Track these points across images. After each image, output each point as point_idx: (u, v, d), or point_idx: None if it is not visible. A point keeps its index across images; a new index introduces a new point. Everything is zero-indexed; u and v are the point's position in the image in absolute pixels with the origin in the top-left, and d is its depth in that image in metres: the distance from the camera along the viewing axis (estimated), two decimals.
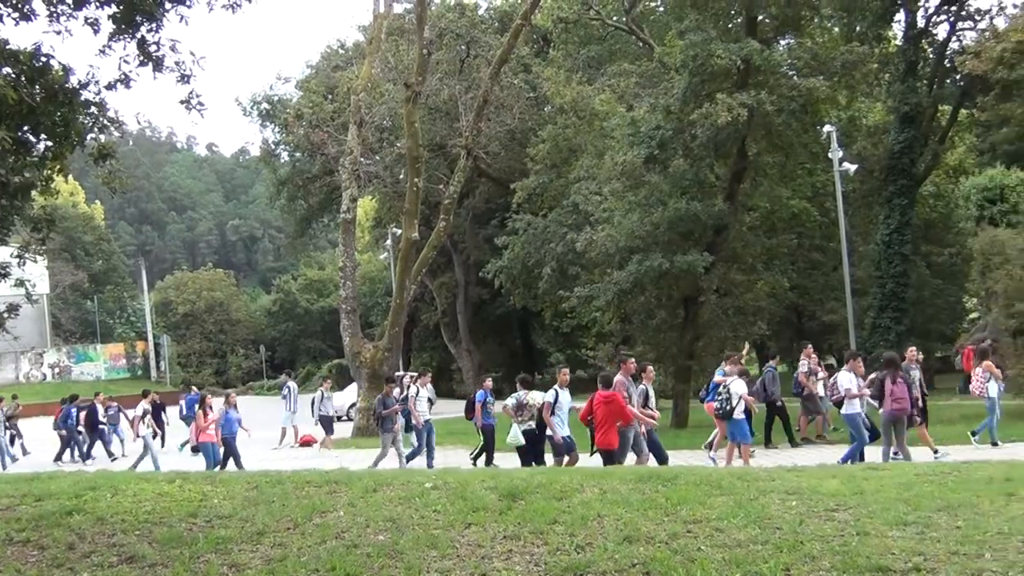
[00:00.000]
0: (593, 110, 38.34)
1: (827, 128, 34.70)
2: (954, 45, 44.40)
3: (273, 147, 67.54)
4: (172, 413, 33.71)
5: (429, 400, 23.15)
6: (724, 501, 9.98)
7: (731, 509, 9.58)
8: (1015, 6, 40.74)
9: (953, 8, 43.99)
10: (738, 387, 18.33)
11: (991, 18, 43.12)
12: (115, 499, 11.65)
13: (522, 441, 16.86)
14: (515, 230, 41.97)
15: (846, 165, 37.20)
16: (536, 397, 17.52)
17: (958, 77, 43.43)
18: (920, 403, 19.90)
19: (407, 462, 21.39)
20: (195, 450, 22.67)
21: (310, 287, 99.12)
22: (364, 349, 32.99)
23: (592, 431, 16.03)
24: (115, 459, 28.57)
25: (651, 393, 17.27)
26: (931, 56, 46.04)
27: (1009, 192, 36.72)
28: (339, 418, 38.59)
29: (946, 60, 44.48)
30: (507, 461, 19.00)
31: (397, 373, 32.17)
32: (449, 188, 35.03)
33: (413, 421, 22.52)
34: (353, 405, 37.34)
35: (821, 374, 24.09)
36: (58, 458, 28.51)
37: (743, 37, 29.14)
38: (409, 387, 23.67)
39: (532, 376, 19.20)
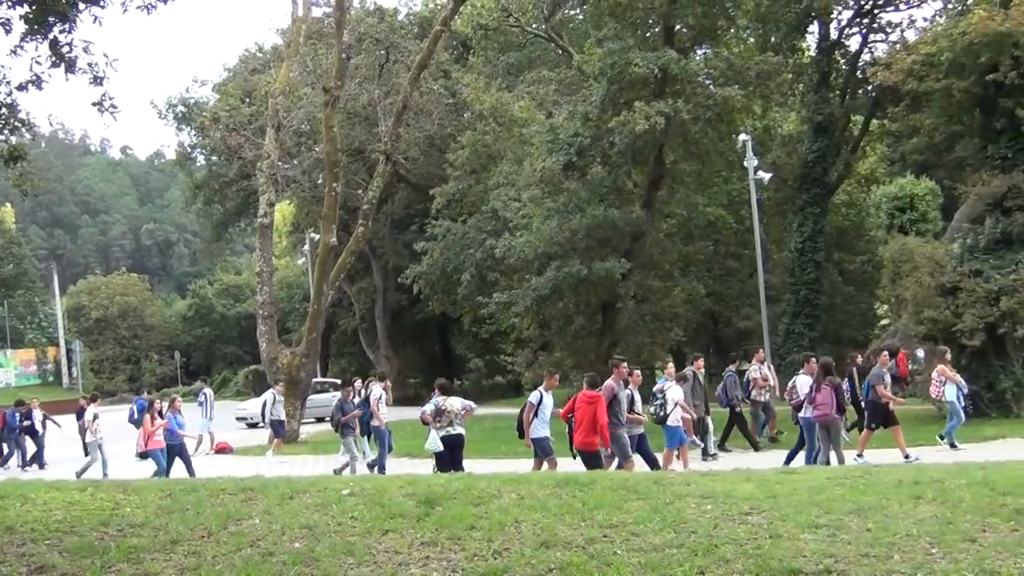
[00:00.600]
0: (512, 117, 38.46)
1: (742, 137, 35.14)
2: (866, 57, 45.23)
3: (189, 150, 66.69)
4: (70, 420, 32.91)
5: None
6: (640, 506, 10.05)
7: (647, 514, 9.65)
8: (925, 19, 41.71)
9: (865, 21, 44.84)
10: (674, 393, 18.47)
11: (902, 31, 44.04)
12: (24, 508, 11.39)
13: (440, 447, 16.78)
14: (434, 236, 41.90)
15: (761, 173, 37.69)
16: (455, 403, 17.45)
17: (870, 88, 44.23)
18: (861, 406, 20.27)
19: (377, 470, 21.10)
20: (143, 456, 22.11)
21: (227, 292, 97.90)
22: (281, 355, 32.66)
23: (571, 430, 16.08)
24: (34, 467, 27.89)
25: (637, 398, 17.29)
26: (844, 67, 46.88)
27: (918, 201, 37.41)
28: (255, 425, 38.22)
29: (858, 71, 45.29)
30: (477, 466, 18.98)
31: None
32: (368, 193, 34.85)
33: (375, 423, 22.19)
34: None
35: (772, 381, 24.03)
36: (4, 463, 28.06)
37: (661, 46, 29.47)
38: (371, 388, 23.29)
39: (451, 382, 19.13)
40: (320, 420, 40.28)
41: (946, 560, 8.04)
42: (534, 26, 46.72)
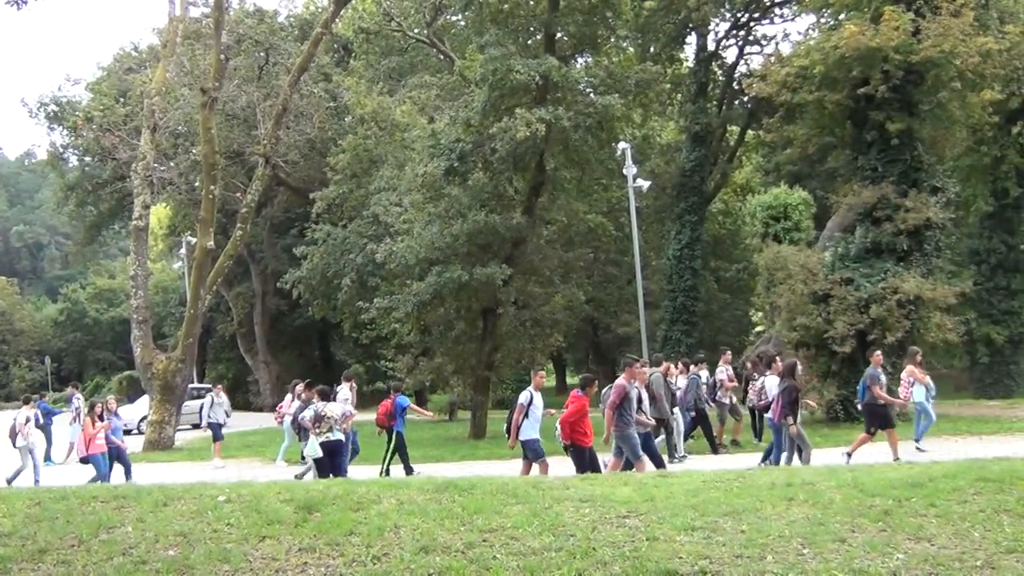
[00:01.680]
0: (394, 121, 38.33)
1: (622, 145, 35.51)
2: (742, 69, 46.29)
3: (61, 150, 64.82)
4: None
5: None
6: (520, 510, 10.09)
7: (526, 517, 9.70)
8: (799, 33, 42.76)
9: (741, 33, 45.87)
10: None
11: (776, 44, 45.21)
12: None
13: (319, 453, 16.62)
14: (314, 240, 41.50)
15: (640, 181, 38.10)
16: (335, 409, 17.30)
17: (746, 99, 45.23)
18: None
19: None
20: (84, 461, 20.94)
21: (100, 296, 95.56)
22: (156, 360, 32.00)
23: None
24: None
25: (644, 396, 17.25)
26: (721, 79, 47.88)
27: (792, 210, 38.23)
28: (129, 431, 37.34)
29: (735, 83, 46.31)
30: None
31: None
32: (247, 196, 34.41)
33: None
34: (144, 418, 36.07)
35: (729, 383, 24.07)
36: None
37: (542, 53, 29.59)
38: (338, 390, 22.86)
39: (330, 388, 18.91)
40: (196, 426, 39.59)
41: (817, 560, 8.26)
42: (416, 31, 46.72)
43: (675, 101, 48.49)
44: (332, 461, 16.82)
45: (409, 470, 20.27)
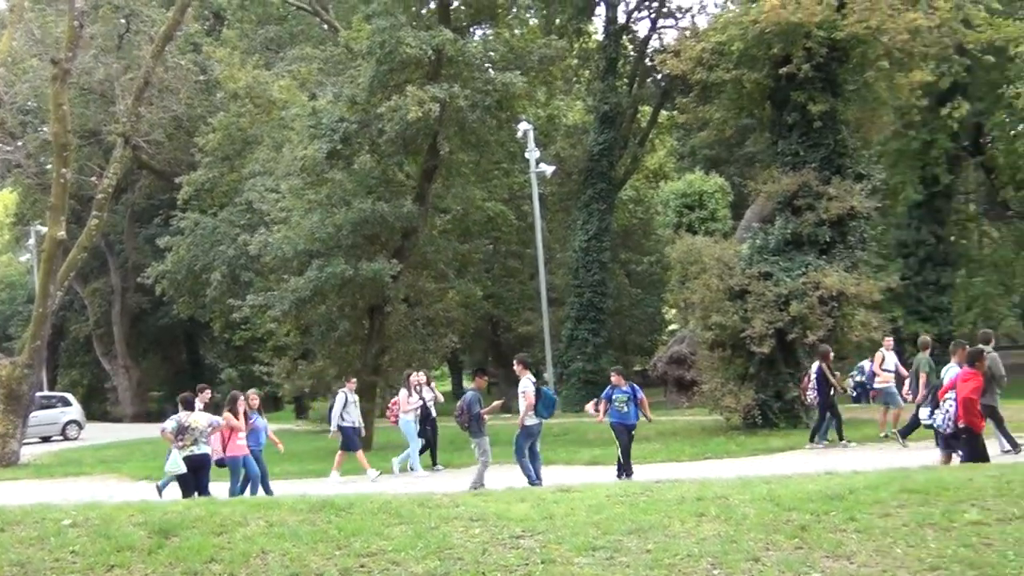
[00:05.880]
0: (271, 98, 37.93)
1: (524, 126, 35.66)
2: (655, 43, 46.70)
3: None
4: None
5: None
6: (403, 531, 10.06)
7: (410, 539, 9.67)
8: (716, 5, 43.27)
9: (654, 5, 46.29)
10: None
11: (692, 17, 45.75)
12: None
13: (183, 468, 16.36)
14: (181, 230, 40.90)
15: (543, 166, 38.32)
16: (201, 420, 17.03)
17: (659, 77, 45.70)
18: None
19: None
20: (220, 464, 19.36)
21: None
22: (0, 366, 31.27)
23: None
24: None
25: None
26: (632, 54, 48.28)
27: (707, 198, 38.85)
28: None
29: (647, 59, 46.70)
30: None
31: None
32: (103, 181, 33.71)
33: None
34: None
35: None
36: None
37: (436, 25, 29.52)
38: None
39: (193, 394, 18.54)
40: (46, 439, 38.78)
41: None
42: None
43: (582, 78, 48.82)
44: (197, 477, 16.56)
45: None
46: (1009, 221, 44.70)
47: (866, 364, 23.61)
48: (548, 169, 39.84)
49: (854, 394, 27.13)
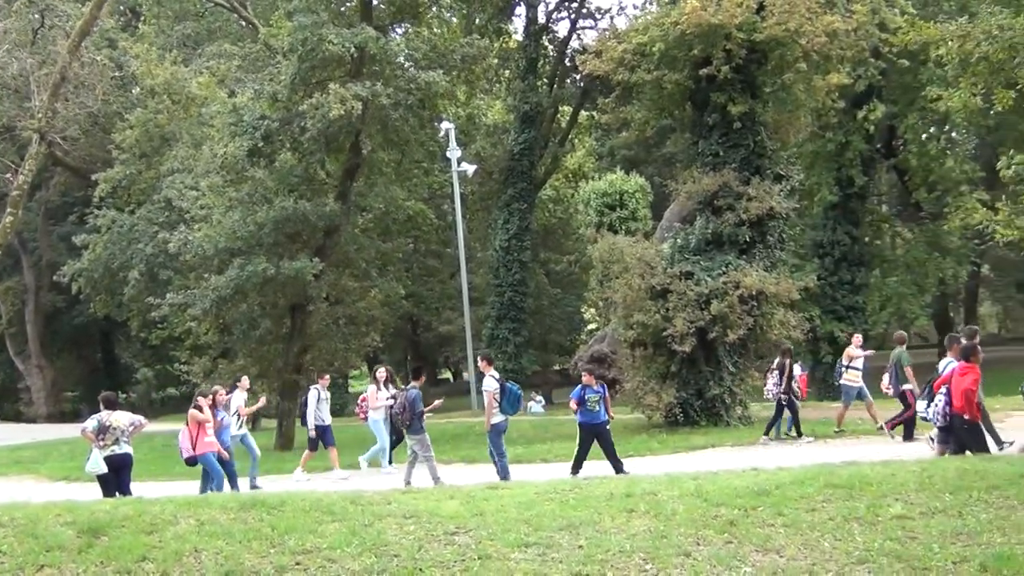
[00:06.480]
0: (190, 94, 37.62)
1: (445, 125, 35.65)
2: (575, 44, 46.96)
3: None
4: None
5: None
6: (337, 528, 10.03)
7: (344, 537, 9.64)
8: (635, 7, 43.60)
9: (574, 5, 46.53)
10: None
11: (611, 17, 46.07)
12: None
13: (104, 469, 16.15)
14: (97, 228, 40.38)
15: (465, 165, 38.37)
16: (122, 419, 16.82)
17: (579, 77, 45.89)
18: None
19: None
20: (191, 462, 18.68)
21: None
22: None
23: None
24: None
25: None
26: (552, 54, 48.49)
27: (628, 198, 39.05)
28: None
29: (567, 59, 46.94)
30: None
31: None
32: (18, 178, 33.18)
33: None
34: None
35: None
36: None
37: (358, 22, 29.40)
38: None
39: (116, 395, 18.36)
40: None
41: None
42: None
43: (503, 78, 48.89)
44: (118, 477, 16.37)
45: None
46: (922, 222, 45.41)
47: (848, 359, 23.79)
48: (470, 168, 39.91)
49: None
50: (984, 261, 50.01)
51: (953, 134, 43.69)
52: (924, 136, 43.28)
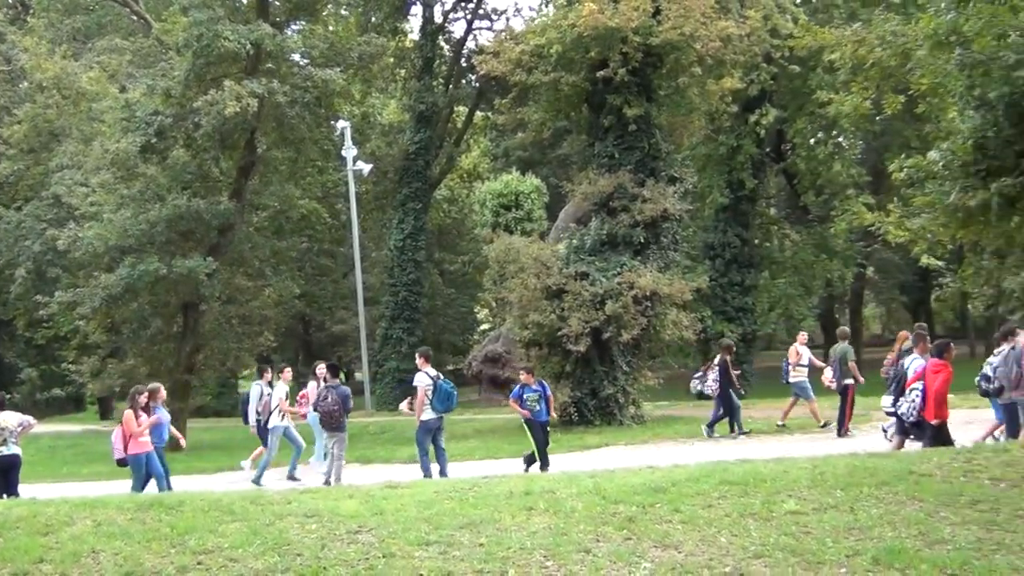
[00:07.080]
0: (80, 89, 36.98)
1: (341, 124, 35.44)
2: (471, 44, 47.05)
3: None
4: None
5: None
6: (238, 528, 9.96)
7: (246, 536, 9.58)
8: (531, 8, 43.81)
9: (470, 6, 46.61)
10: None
11: (507, 19, 46.25)
12: None
13: None
14: None
15: (360, 164, 38.14)
16: (11, 419, 16.49)
17: (475, 78, 45.98)
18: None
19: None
20: (121, 463, 17.82)
21: None
22: None
23: None
24: None
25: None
26: (448, 54, 48.53)
27: (524, 198, 39.18)
28: None
29: (463, 59, 47.02)
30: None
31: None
32: None
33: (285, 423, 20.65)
34: None
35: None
36: None
37: (254, 19, 29.17)
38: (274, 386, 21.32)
39: (3, 395, 17.96)
40: None
41: (562, 572, 8.53)
42: None
43: (399, 77, 48.79)
44: (6, 478, 16.08)
45: None
46: (809, 225, 46.23)
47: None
48: (365, 167, 39.71)
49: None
50: (869, 263, 50.97)
51: (840, 139, 44.53)
52: (812, 140, 44.15)
